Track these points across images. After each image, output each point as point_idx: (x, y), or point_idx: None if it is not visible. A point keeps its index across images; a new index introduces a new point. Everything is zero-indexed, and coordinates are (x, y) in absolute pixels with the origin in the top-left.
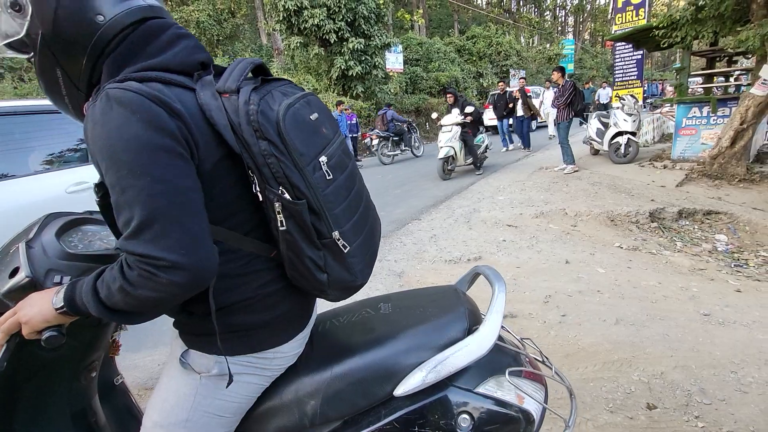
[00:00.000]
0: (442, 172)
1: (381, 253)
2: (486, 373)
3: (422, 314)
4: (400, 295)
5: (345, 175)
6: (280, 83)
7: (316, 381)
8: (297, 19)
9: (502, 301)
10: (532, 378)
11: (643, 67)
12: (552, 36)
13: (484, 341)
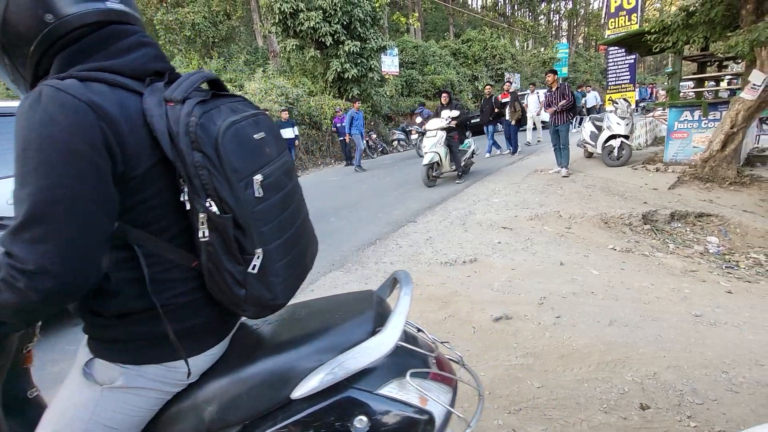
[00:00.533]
0: (427, 178)
1: (377, 255)
2: (388, 375)
3: (330, 318)
4: (318, 300)
5: (280, 195)
6: (232, 99)
7: (215, 387)
8: (293, 21)
9: (406, 304)
10: (440, 380)
11: (635, 71)
12: (546, 40)
13: (384, 344)
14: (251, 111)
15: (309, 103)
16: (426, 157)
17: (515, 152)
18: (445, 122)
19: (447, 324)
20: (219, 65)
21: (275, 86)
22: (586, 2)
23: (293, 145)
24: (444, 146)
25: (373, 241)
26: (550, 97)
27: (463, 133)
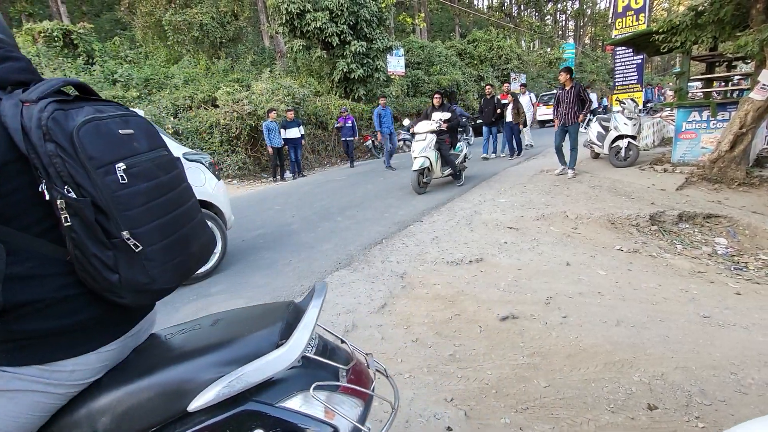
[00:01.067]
0: (417, 185)
1: (383, 254)
2: (292, 388)
3: (238, 329)
4: (235, 311)
5: (150, 184)
6: (102, 103)
7: (110, 397)
8: (300, 22)
9: (313, 318)
10: (351, 393)
11: (643, 71)
12: (553, 40)
13: (285, 357)
14: (120, 111)
15: (315, 103)
16: (416, 163)
17: (519, 154)
18: (434, 125)
19: (453, 323)
20: (226, 65)
21: (282, 86)
22: (592, 2)
23: (299, 144)
24: (434, 150)
25: (379, 240)
26: (562, 96)
27: (455, 136)
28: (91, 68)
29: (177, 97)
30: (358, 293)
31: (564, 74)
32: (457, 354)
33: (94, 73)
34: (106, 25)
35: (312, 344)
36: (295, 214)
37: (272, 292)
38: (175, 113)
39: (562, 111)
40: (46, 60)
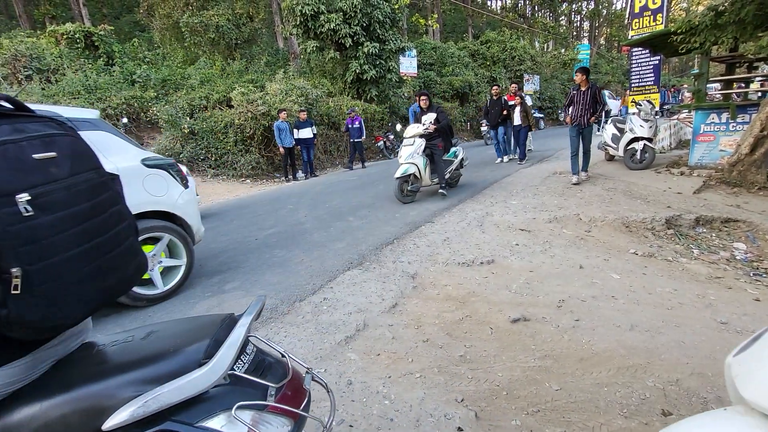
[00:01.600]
0: (401, 193)
1: (395, 255)
2: (215, 408)
3: (165, 344)
4: (171, 323)
5: (63, 214)
6: (29, 120)
7: (24, 413)
8: (313, 23)
9: (238, 336)
10: (280, 413)
11: (660, 72)
12: (567, 41)
13: (205, 377)
14: (45, 132)
15: (328, 103)
16: (399, 169)
17: (522, 159)
18: (423, 128)
19: (464, 324)
20: (241, 66)
21: (295, 87)
22: (608, 2)
23: (312, 144)
24: (422, 156)
25: (390, 240)
26: (577, 96)
27: (448, 140)
28: (111, 69)
29: (193, 98)
30: (370, 293)
31: (580, 75)
32: (468, 355)
33: (114, 74)
34: (126, 27)
35: (244, 360)
36: (308, 213)
37: (285, 290)
38: (191, 113)
39: (576, 112)
40: (69, 61)
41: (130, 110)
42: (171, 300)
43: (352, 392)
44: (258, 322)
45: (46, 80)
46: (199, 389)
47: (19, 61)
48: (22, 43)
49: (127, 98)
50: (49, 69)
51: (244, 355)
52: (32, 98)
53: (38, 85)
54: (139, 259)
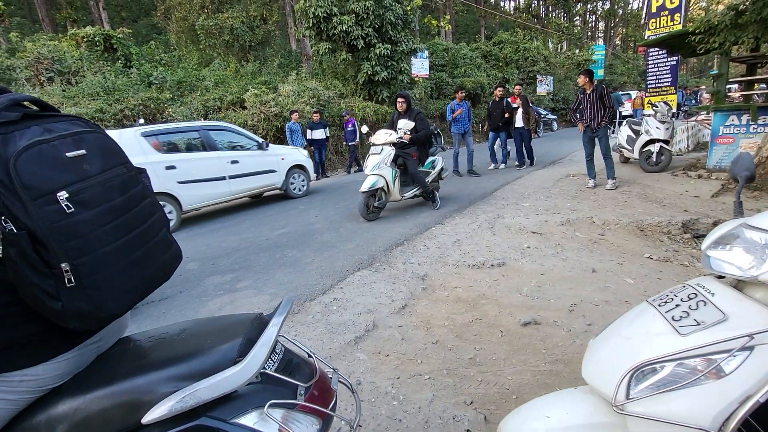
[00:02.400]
0: (365, 209)
1: (405, 256)
2: (248, 405)
3: (201, 342)
4: (203, 320)
5: (101, 209)
6: (57, 120)
7: (68, 406)
8: (326, 25)
9: (271, 335)
10: (309, 411)
11: (677, 73)
12: (581, 41)
13: (239, 375)
14: (73, 130)
15: (340, 105)
16: (366, 182)
17: (532, 164)
18: (395, 136)
19: (474, 327)
20: (255, 68)
21: (307, 88)
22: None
23: (324, 145)
24: (391, 167)
25: (400, 241)
26: (584, 100)
27: (425, 149)
28: (129, 71)
29: (207, 99)
30: (379, 293)
31: (583, 77)
32: (478, 358)
33: (132, 76)
34: (143, 30)
35: (274, 360)
36: (318, 214)
37: (295, 289)
38: (206, 114)
39: (587, 116)
40: (88, 63)
41: (147, 111)
42: (184, 297)
43: (360, 392)
44: None
45: (66, 82)
46: (234, 386)
47: (42, 64)
48: (45, 46)
49: (144, 99)
50: (69, 71)
51: (274, 355)
52: (53, 99)
53: (59, 86)
54: (174, 249)
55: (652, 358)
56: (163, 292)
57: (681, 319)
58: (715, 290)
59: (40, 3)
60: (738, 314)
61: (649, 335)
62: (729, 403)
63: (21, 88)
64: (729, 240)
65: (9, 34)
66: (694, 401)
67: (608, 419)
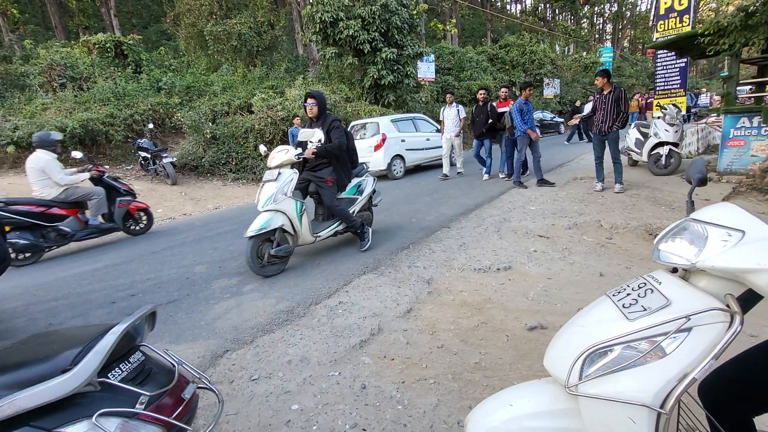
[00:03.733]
0: (255, 261)
1: (410, 259)
2: (78, 414)
3: (41, 350)
4: (65, 329)
5: None
6: None
7: None
8: (332, 30)
9: (106, 345)
10: (152, 420)
11: (686, 75)
12: (589, 44)
13: (64, 384)
14: None
15: (346, 108)
16: (254, 223)
17: (524, 173)
18: (293, 153)
19: (480, 331)
20: (262, 73)
21: None
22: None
23: None
24: (294, 198)
25: (406, 245)
26: (599, 101)
27: (344, 170)
28: (139, 76)
29: (215, 104)
30: (384, 297)
31: (600, 78)
32: (483, 362)
33: (141, 81)
34: (153, 36)
35: (124, 369)
36: None
37: (301, 293)
38: (214, 119)
39: (599, 117)
40: (99, 69)
41: (156, 116)
42: (191, 300)
43: (366, 396)
44: (275, 324)
45: (78, 88)
46: (58, 395)
47: (54, 70)
48: (57, 52)
49: (153, 104)
50: (81, 77)
51: (125, 364)
52: (65, 105)
53: (71, 92)
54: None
55: (602, 342)
56: (170, 295)
57: (630, 306)
58: (662, 280)
59: (54, 11)
60: (680, 300)
61: (601, 322)
62: (668, 380)
63: (35, 94)
64: (677, 233)
65: (23, 42)
66: (638, 380)
67: (566, 405)
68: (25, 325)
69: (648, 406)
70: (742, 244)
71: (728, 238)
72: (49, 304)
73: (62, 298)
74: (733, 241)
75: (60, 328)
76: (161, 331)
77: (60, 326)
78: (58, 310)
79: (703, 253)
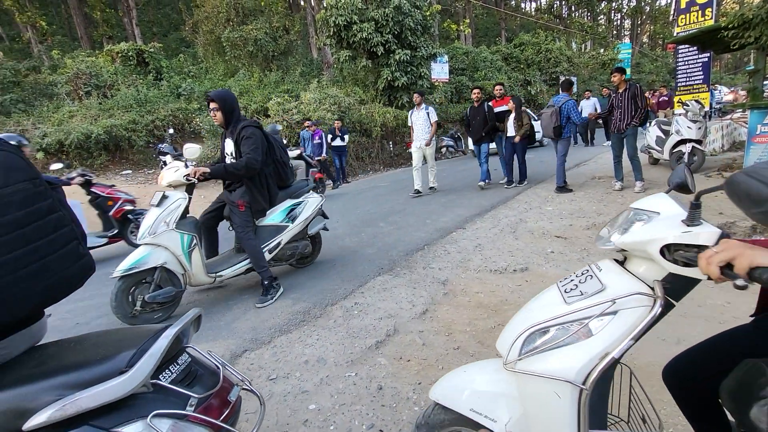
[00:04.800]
0: (120, 307)
1: (425, 261)
2: (133, 415)
3: (97, 352)
4: (112, 331)
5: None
6: None
7: None
8: (346, 33)
9: (160, 347)
10: (200, 422)
11: (710, 70)
12: (606, 40)
13: (122, 385)
14: None
15: (360, 111)
16: (127, 260)
17: (522, 181)
18: (182, 172)
19: (496, 332)
20: (277, 77)
21: (328, 96)
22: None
23: (345, 152)
24: (181, 231)
25: (421, 246)
26: (616, 100)
27: (260, 191)
28: (159, 83)
29: None
30: (400, 298)
31: (617, 75)
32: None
33: (162, 88)
34: (173, 44)
35: (173, 371)
36: (340, 219)
37: (318, 293)
38: None
39: (617, 116)
40: (122, 77)
41: (176, 121)
42: (210, 299)
43: (382, 397)
44: (292, 324)
45: (102, 95)
46: (117, 396)
47: (80, 79)
48: (83, 62)
49: (173, 110)
50: (105, 85)
51: (174, 366)
52: (91, 112)
53: (96, 99)
54: (83, 262)
55: (538, 323)
56: (190, 296)
57: (570, 291)
58: (603, 267)
59: (79, 21)
60: (613, 284)
61: (544, 306)
62: (591, 359)
63: (62, 102)
64: (614, 221)
65: (51, 52)
66: (565, 358)
67: (508, 376)
68: (55, 323)
69: (571, 383)
70: (652, 222)
71: (646, 219)
72: (75, 304)
73: (87, 299)
74: (647, 221)
75: (111, 329)
76: None
77: (87, 325)
78: (84, 310)
79: (624, 235)
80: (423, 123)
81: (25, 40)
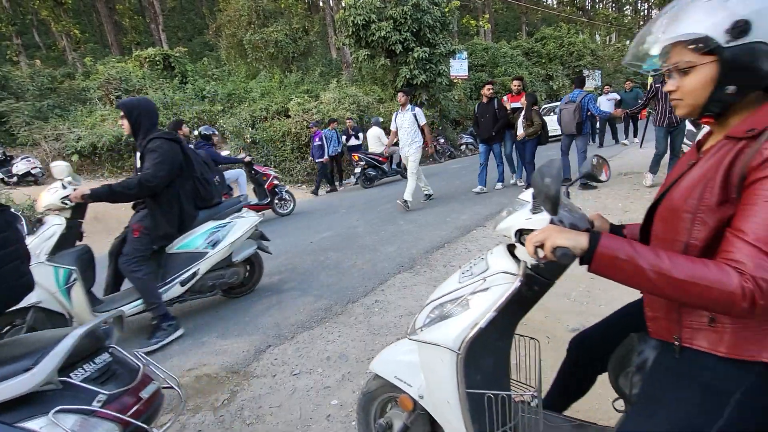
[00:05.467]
0: None
1: (445, 259)
2: (37, 411)
3: (9, 352)
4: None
5: None
6: None
7: None
8: (365, 32)
9: (64, 347)
10: (109, 418)
11: None
12: (633, 32)
13: (24, 382)
14: None
15: (379, 110)
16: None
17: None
18: (60, 194)
19: (519, 331)
20: (297, 78)
21: (348, 95)
22: None
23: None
24: (55, 266)
25: (441, 244)
26: (661, 90)
27: (166, 214)
28: (185, 86)
29: (255, 109)
30: (420, 296)
31: None
32: (522, 364)
33: (187, 91)
34: (197, 48)
35: (89, 369)
36: (360, 217)
37: (338, 291)
38: (253, 124)
39: (666, 108)
40: (150, 81)
41: (201, 123)
42: (234, 298)
43: None
44: (314, 321)
45: None
46: (20, 392)
47: (111, 84)
48: (114, 68)
49: (198, 112)
50: (134, 89)
51: (90, 364)
52: None
53: None
54: (23, 281)
55: (435, 298)
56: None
57: (466, 272)
58: (495, 251)
59: (110, 29)
60: (493, 266)
61: (446, 286)
62: (464, 328)
63: (95, 107)
64: (510, 211)
65: (84, 59)
66: (447, 329)
67: None
68: None
69: (450, 349)
70: (516, 211)
71: (518, 208)
72: None
73: None
74: (514, 210)
75: (35, 332)
76: (210, 327)
77: None
78: None
79: (499, 223)
80: (410, 126)
81: (60, 48)
